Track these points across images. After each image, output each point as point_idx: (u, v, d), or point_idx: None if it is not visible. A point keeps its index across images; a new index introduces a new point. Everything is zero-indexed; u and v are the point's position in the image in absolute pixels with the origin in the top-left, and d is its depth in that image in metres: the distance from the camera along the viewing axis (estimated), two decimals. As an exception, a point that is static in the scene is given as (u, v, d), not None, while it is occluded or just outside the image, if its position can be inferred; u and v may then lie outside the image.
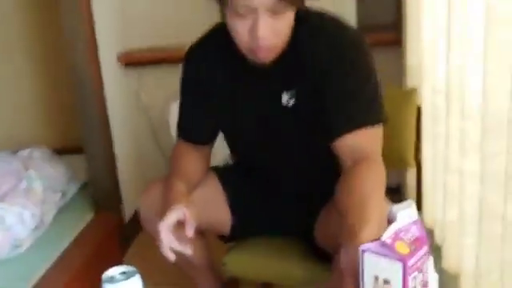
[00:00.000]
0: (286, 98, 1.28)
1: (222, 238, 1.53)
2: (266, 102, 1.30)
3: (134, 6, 2.48)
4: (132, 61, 2.49)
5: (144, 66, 2.53)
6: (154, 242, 1.33)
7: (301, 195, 1.42)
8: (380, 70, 1.26)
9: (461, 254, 1.48)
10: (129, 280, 0.91)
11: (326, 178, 1.24)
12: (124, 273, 0.93)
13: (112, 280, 0.91)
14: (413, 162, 1.63)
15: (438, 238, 1.69)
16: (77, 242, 2.05)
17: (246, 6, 1.13)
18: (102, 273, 0.93)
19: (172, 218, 1.17)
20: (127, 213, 2.40)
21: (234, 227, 1.47)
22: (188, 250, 1.17)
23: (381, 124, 1.22)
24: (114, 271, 0.93)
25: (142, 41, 2.49)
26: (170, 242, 1.16)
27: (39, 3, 2.68)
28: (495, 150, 1.19)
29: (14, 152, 2.45)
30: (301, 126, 1.30)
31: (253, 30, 1.15)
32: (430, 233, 1.70)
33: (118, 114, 2.38)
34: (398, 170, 1.90)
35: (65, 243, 2.02)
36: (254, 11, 1.13)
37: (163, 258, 1.18)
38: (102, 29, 2.25)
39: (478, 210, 1.33)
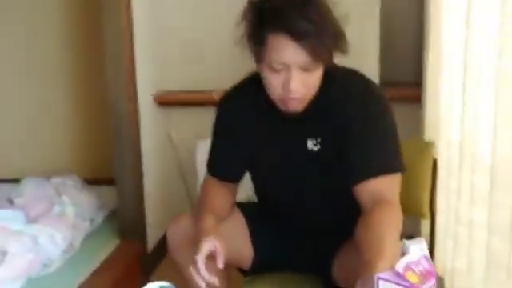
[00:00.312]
0: (312, 144, 1.37)
1: (242, 270, 1.58)
2: (292, 147, 1.40)
3: (171, 53, 2.64)
4: (164, 101, 2.61)
5: (175, 107, 2.65)
6: (178, 269, 1.40)
7: (321, 235, 1.48)
8: (400, 123, 1.35)
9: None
10: (166, 293, 1.01)
11: (345, 218, 1.32)
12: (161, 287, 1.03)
13: (152, 292, 1.01)
14: (427, 213, 1.66)
15: (447, 286, 1.74)
16: (102, 267, 2.14)
17: (280, 63, 1.25)
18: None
19: (206, 249, 1.25)
20: (150, 243, 2.48)
21: (254, 262, 1.53)
22: (215, 281, 1.25)
23: (399, 173, 1.31)
24: (153, 286, 1.03)
25: (175, 83, 2.63)
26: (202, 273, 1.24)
27: (83, 44, 2.86)
28: (502, 203, 1.28)
29: (47, 179, 2.57)
30: (324, 170, 1.38)
31: (285, 83, 1.26)
32: (440, 280, 1.75)
33: (150, 150, 2.48)
34: (413, 219, 1.95)
35: (91, 267, 2.11)
36: (287, 68, 1.25)
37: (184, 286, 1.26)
38: (142, 70, 2.40)
39: (485, 259, 1.40)
